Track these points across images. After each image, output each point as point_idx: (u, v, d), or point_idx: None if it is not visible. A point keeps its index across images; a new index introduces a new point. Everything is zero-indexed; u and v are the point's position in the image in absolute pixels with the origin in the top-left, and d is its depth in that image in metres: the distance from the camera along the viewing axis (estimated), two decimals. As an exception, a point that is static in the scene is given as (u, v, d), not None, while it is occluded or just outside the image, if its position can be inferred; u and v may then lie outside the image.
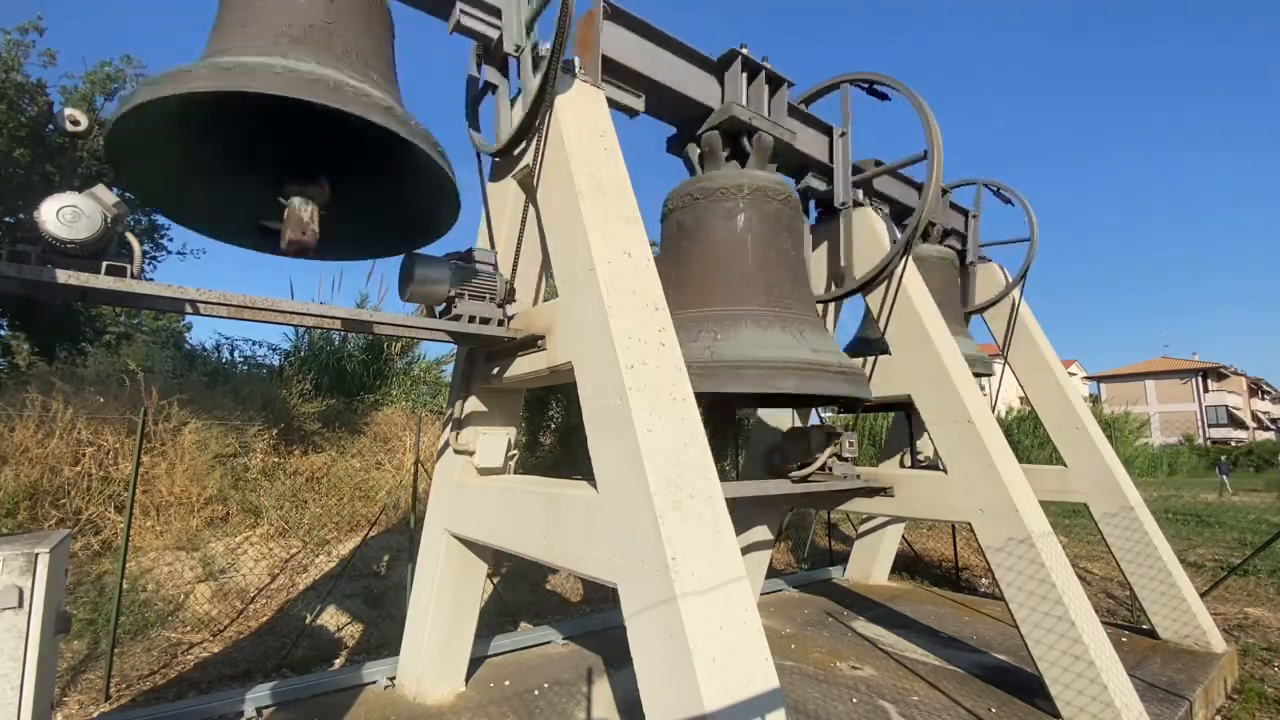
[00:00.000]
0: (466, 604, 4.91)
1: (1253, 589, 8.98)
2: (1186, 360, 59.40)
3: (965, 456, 5.05)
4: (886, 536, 8.94)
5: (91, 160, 10.09)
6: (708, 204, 5.00)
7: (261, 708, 4.57)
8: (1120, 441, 24.59)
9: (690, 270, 4.98)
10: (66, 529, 4.98)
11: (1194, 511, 17.05)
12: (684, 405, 3.27)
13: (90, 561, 6.03)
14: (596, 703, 4.78)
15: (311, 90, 2.87)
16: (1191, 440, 48.48)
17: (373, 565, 7.26)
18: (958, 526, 9.44)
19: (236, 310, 3.21)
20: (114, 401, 7.06)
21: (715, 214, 4.97)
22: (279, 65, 2.93)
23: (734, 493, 4.29)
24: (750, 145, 5.23)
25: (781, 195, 5.11)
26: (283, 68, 2.92)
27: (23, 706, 2.17)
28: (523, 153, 4.30)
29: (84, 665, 5.20)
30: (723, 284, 4.84)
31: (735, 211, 4.94)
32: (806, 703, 4.82)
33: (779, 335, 4.62)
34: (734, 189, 4.97)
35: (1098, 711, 4.17)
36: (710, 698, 2.51)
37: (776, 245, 5.00)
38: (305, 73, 2.95)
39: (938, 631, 6.61)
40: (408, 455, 8.72)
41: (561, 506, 3.53)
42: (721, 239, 4.94)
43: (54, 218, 2.68)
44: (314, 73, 2.98)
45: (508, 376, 4.31)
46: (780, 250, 5.02)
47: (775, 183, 5.12)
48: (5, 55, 9.73)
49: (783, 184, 5.19)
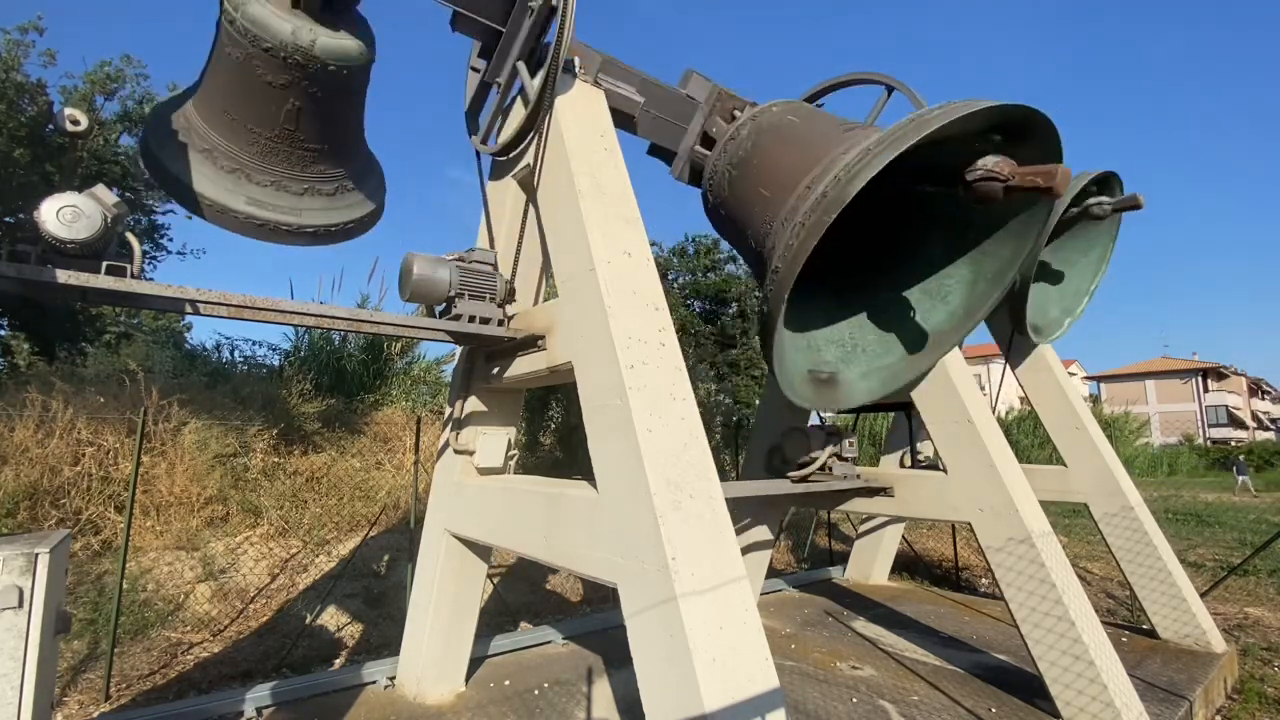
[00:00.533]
0: (466, 604, 4.91)
1: (1253, 589, 8.98)
2: (1186, 360, 59.40)
3: (965, 456, 5.04)
4: (886, 536, 8.93)
5: (91, 160, 10.09)
6: (754, 125, 4.83)
7: (261, 708, 4.57)
8: (1120, 441, 24.59)
9: (786, 158, 4.44)
10: (66, 529, 4.98)
11: (1194, 511, 17.05)
12: (684, 405, 3.27)
13: (90, 561, 6.03)
14: (596, 703, 4.78)
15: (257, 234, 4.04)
16: (1191, 440, 48.45)
17: (373, 565, 7.26)
18: (958, 526, 9.44)
19: (236, 310, 3.22)
20: (114, 401, 7.06)
21: (768, 125, 4.77)
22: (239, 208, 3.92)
23: (734, 493, 4.28)
24: None
25: (808, 106, 5.14)
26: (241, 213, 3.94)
27: (23, 706, 2.17)
28: (523, 152, 4.30)
29: (84, 665, 5.20)
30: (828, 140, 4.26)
31: (785, 115, 4.78)
32: (806, 703, 4.82)
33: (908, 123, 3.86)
34: (767, 108, 4.89)
35: (1098, 711, 4.17)
36: (710, 697, 2.51)
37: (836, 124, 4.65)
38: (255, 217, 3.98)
39: (938, 631, 6.61)
40: (408, 455, 8.72)
41: (561, 506, 3.53)
42: (789, 131, 4.63)
43: (54, 218, 2.68)
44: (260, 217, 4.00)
45: (508, 376, 4.31)
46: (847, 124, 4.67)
47: (796, 102, 5.13)
48: (5, 55, 9.73)
49: None
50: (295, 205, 4.11)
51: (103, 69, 11.55)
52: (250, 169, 3.92)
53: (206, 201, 3.82)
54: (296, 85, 3.64)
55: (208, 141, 3.83)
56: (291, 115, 3.77)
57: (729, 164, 4.91)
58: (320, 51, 3.53)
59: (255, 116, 3.79)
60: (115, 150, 11.36)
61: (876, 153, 3.40)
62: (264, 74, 3.56)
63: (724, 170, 4.94)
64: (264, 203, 3.97)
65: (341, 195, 4.33)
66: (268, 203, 3.98)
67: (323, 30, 3.57)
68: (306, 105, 3.75)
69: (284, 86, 3.63)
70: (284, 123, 3.80)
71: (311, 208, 4.19)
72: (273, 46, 3.44)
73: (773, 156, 4.57)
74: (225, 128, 3.83)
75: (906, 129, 3.43)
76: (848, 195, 3.37)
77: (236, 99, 3.75)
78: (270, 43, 3.43)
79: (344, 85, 3.80)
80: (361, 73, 3.86)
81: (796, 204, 3.89)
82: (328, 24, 3.63)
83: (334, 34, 3.61)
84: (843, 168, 3.53)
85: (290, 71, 3.56)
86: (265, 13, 3.43)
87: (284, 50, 3.46)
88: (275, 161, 3.97)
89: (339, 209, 4.32)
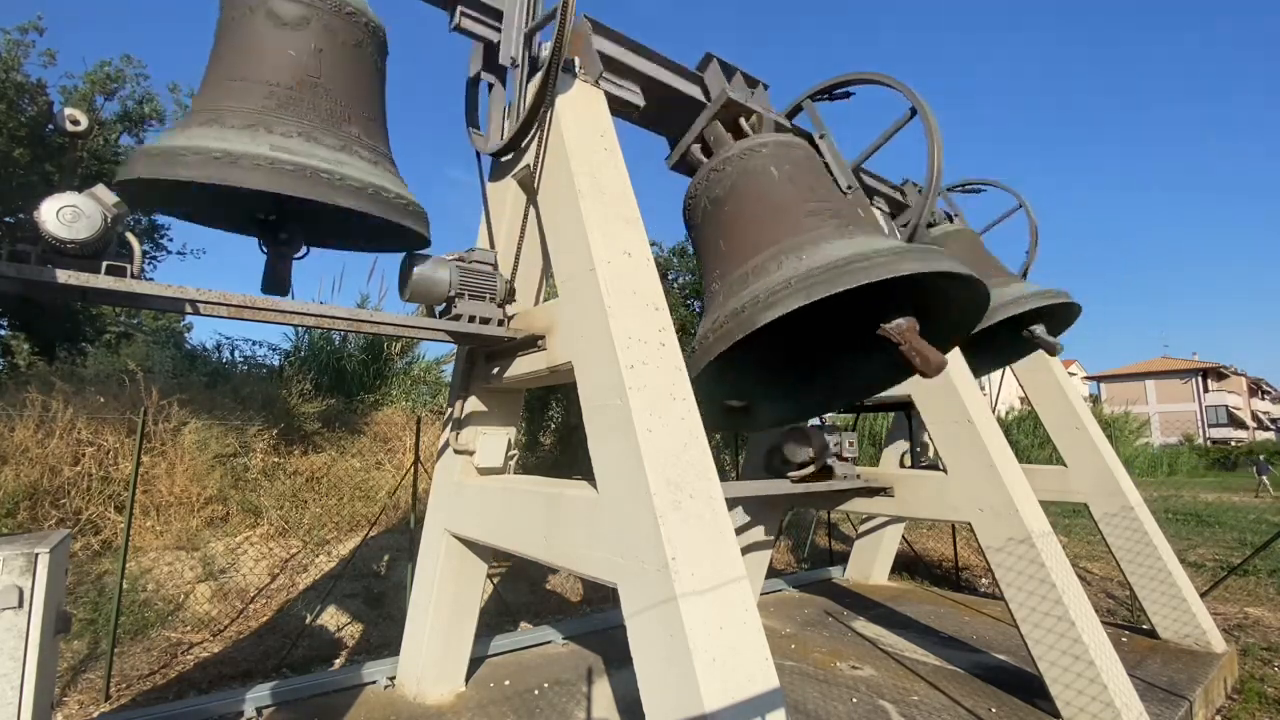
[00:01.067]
0: (466, 604, 4.91)
1: (1253, 589, 8.98)
2: (1186, 360, 59.44)
3: (965, 456, 5.05)
4: (886, 536, 8.93)
5: (91, 160, 10.09)
6: (738, 165, 4.79)
7: (261, 708, 4.57)
8: (1120, 441, 24.58)
9: (745, 225, 4.59)
10: (66, 529, 4.98)
11: (1194, 511, 17.05)
12: (684, 405, 3.27)
13: (90, 561, 6.03)
14: (596, 703, 4.78)
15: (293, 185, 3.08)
16: (1191, 440, 48.48)
17: (373, 565, 7.26)
18: (958, 526, 9.44)
19: (236, 310, 3.21)
20: (114, 401, 7.06)
21: (749, 171, 4.74)
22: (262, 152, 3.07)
23: (734, 493, 4.29)
24: (750, 127, 5.21)
25: (804, 147, 5.01)
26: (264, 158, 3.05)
27: (23, 706, 2.17)
28: (523, 153, 4.30)
29: (84, 665, 5.20)
30: (788, 219, 4.42)
31: (769, 162, 4.71)
32: (806, 703, 4.82)
33: (862, 238, 4.15)
34: (757, 146, 4.80)
35: (1098, 711, 4.17)
36: (710, 697, 2.51)
37: (820, 182, 4.80)
38: (285, 162, 3.09)
39: (938, 631, 6.61)
40: (408, 455, 8.72)
41: (561, 506, 3.53)
42: (766, 186, 4.64)
43: (54, 218, 2.68)
44: (294, 162, 3.11)
45: (508, 376, 4.31)
46: (825, 185, 4.84)
47: (791, 137, 5.05)
48: (5, 55, 9.72)
49: (799, 139, 5.10)
50: (334, 158, 3.29)
51: (103, 69, 11.54)
52: (270, 121, 3.21)
53: (215, 154, 2.97)
54: (316, 22, 3.43)
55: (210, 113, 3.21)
56: (314, 57, 3.39)
57: (708, 198, 4.99)
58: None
59: (270, 65, 3.29)
60: (115, 150, 11.36)
61: (790, 292, 3.69)
62: (279, 13, 3.34)
63: (703, 200, 5.04)
64: (294, 150, 3.16)
65: (384, 167, 3.61)
66: (298, 150, 3.18)
67: None
68: (328, 48, 3.43)
69: (302, 23, 3.37)
70: (307, 69, 3.34)
71: (354, 163, 3.38)
72: None
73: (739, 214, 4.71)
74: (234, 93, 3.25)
75: (828, 275, 3.71)
76: (755, 323, 3.63)
77: (246, 58, 3.29)
78: None
79: (362, 40, 3.63)
80: (376, 43, 3.77)
81: (731, 288, 4.14)
82: None
83: None
84: (764, 291, 3.79)
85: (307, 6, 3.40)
86: None
87: None
88: (300, 112, 3.31)
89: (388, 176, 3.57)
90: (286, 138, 3.19)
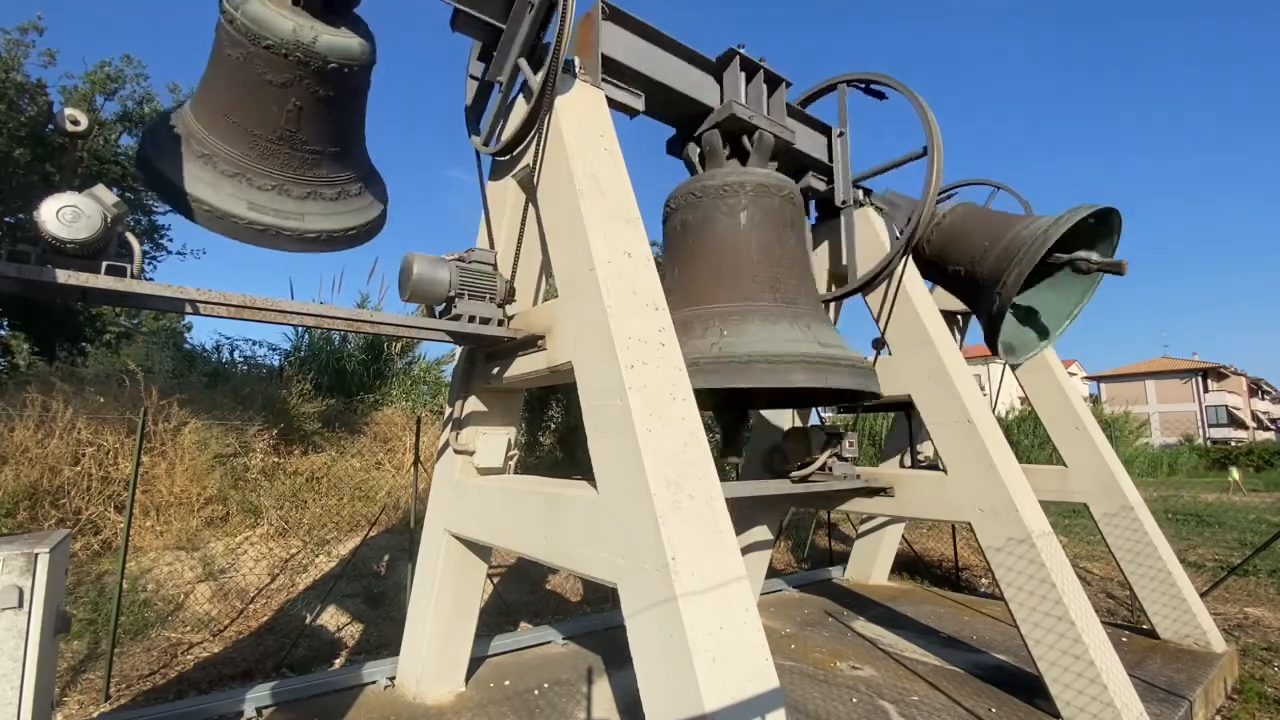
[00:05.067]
0: (466, 604, 4.91)
1: (1253, 589, 8.97)
2: (1186, 360, 59.39)
3: (965, 456, 5.04)
4: (886, 536, 8.93)
5: (91, 160, 10.10)
6: (711, 202, 4.99)
7: (261, 708, 4.57)
8: (1120, 441, 24.56)
9: (695, 268, 4.97)
10: (66, 529, 4.98)
11: (1194, 511, 17.04)
12: (684, 405, 3.27)
13: (90, 561, 6.03)
14: (596, 703, 4.78)
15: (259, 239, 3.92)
16: (1192, 440, 48.41)
17: (373, 565, 7.26)
18: (958, 526, 9.44)
19: (236, 310, 3.22)
20: (114, 401, 7.06)
21: (718, 211, 4.95)
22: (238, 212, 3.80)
23: (734, 493, 4.28)
24: (751, 144, 5.23)
25: (784, 191, 5.09)
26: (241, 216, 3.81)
27: (23, 706, 2.17)
28: (523, 152, 4.30)
29: (84, 665, 5.20)
30: (729, 280, 4.81)
31: (739, 208, 4.91)
32: (806, 703, 4.81)
33: (787, 329, 4.57)
34: (736, 186, 4.95)
35: (1098, 711, 4.17)
36: (710, 698, 2.51)
37: (781, 241, 4.98)
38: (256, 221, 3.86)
39: (938, 631, 6.61)
40: (408, 455, 8.72)
41: (561, 506, 3.53)
42: (726, 236, 4.92)
43: (54, 218, 2.68)
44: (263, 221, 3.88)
45: (508, 376, 4.31)
46: (785, 246, 5.00)
47: (777, 179, 5.11)
48: (5, 55, 9.73)
49: (785, 181, 5.17)
50: (298, 210, 4.03)
51: (103, 69, 11.55)
52: (251, 173, 3.85)
53: (206, 208, 3.73)
54: (298, 84, 3.63)
55: (207, 147, 3.80)
56: (293, 116, 3.74)
57: (679, 220, 5.20)
58: (322, 48, 3.53)
59: (256, 118, 3.74)
60: (115, 150, 11.37)
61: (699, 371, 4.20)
62: (264, 73, 3.55)
63: (676, 218, 5.23)
64: (266, 207, 3.86)
65: (344, 200, 4.29)
66: (270, 207, 3.88)
67: (324, 27, 3.57)
68: (308, 105, 3.73)
69: (285, 85, 3.61)
70: (285, 124, 3.76)
71: (314, 212, 4.13)
72: (274, 44, 3.44)
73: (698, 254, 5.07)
74: (225, 131, 3.79)
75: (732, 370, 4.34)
76: None
77: (236, 101, 3.71)
78: (271, 40, 3.43)
79: (345, 85, 3.78)
80: (362, 74, 3.86)
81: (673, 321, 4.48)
82: (329, 22, 3.63)
83: (335, 31, 3.61)
84: (688, 354, 3.95)
85: (291, 69, 3.55)
86: (266, 11, 3.43)
87: (285, 47, 3.46)
88: (276, 164, 3.91)
89: (342, 214, 4.28)
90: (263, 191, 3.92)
